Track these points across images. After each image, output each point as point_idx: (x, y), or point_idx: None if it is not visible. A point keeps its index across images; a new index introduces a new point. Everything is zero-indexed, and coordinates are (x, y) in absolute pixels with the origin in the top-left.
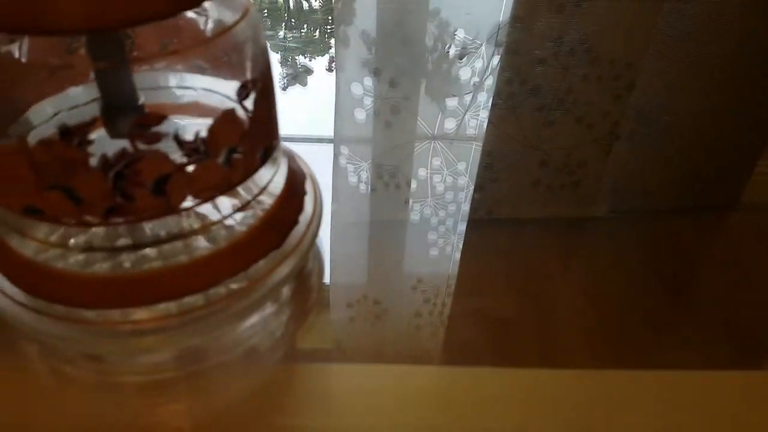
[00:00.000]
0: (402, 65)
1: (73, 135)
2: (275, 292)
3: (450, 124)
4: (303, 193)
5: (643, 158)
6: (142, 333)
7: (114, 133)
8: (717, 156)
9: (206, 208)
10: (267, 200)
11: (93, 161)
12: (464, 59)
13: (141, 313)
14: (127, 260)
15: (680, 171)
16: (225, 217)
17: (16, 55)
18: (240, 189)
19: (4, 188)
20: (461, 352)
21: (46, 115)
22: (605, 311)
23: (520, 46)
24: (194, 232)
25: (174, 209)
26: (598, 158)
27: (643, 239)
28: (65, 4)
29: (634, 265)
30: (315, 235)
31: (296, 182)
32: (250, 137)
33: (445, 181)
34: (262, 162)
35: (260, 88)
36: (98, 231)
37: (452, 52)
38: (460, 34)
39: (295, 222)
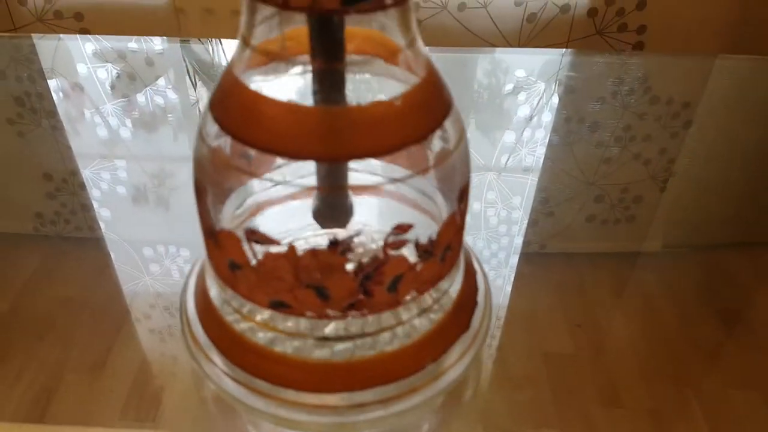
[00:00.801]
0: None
1: (340, 245)
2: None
3: (505, 159)
4: (474, 271)
5: (696, 193)
6: (360, 412)
7: (325, 226)
8: None
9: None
10: (445, 285)
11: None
12: (520, 95)
13: (362, 396)
14: (339, 347)
15: (733, 205)
16: (423, 310)
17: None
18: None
19: (259, 286)
20: (516, 385)
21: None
22: (660, 346)
23: (580, 84)
24: (400, 323)
25: (399, 303)
26: (653, 194)
27: (697, 274)
28: (301, 139)
29: (688, 300)
30: (491, 310)
31: (469, 260)
32: (459, 234)
33: (499, 215)
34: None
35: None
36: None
37: (508, 88)
38: (520, 72)
39: (476, 303)
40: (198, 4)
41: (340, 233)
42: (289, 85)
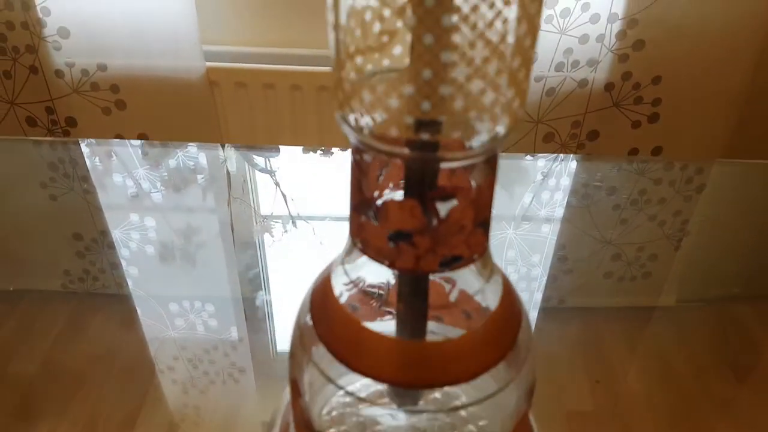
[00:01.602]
0: None
1: None
2: None
3: (526, 222)
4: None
5: (709, 251)
6: None
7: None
8: None
9: None
10: None
11: None
12: (539, 160)
13: None
14: None
15: (744, 262)
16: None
17: None
18: None
19: None
20: None
21: None
22: (675, 399)
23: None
24: None
25: None
26: (667, 252)
27: (710, 328)
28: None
29: (701, 353)
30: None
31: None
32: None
33: (519, 271)
34: None
35: None
36: None
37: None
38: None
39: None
40: (231, 78)
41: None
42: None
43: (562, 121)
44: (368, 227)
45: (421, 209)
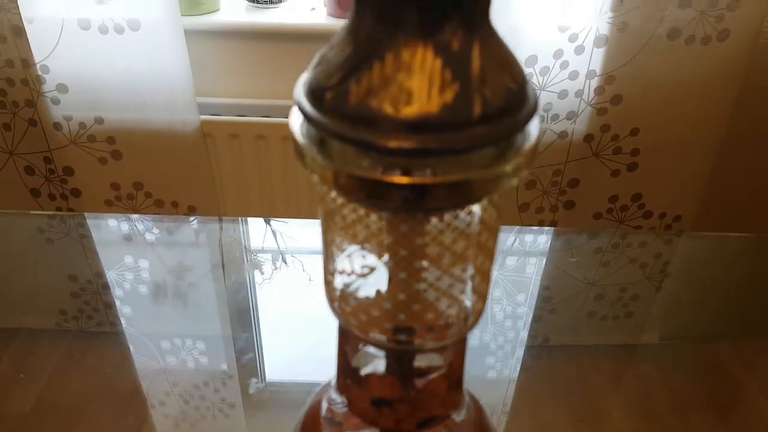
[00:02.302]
0: None
1: None
2: None
3: (511, 261)
4: None
5: (692, 290)
6: None
7: None
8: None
9: None
10: None
11: None
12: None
13: None
14: None
15: (725, 301)
16: None
17: None
18: None
19: None
20: None
21: None
22: None
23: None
24: None
25: None
26: (649, 293)
27: (693, 364)
28: None
29: (683, 389)
30: None
31: None
32: None
33: (505, 310)
34: None
35: None
36: None
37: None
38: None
39: None
40: (224, 130)
41: None
42: None
43: (544, 170)
44: (353, 389)
45: (400, 384)
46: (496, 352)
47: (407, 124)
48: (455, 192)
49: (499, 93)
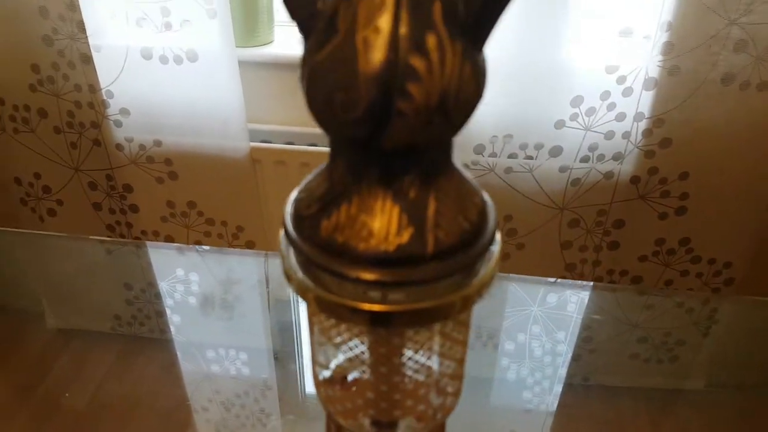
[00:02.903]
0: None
1: None
2: None
3: (552, 298)
4: None
5: (740, 338)
6: None
7: None
8: None
9: None
10: None
11: None
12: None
13: None
14: None
15: None
16: None
17: None
18: None
19: None
20: None
21: None
22: None
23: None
24: None
25: None
26: (696, 338)
27: (738, 414)
28: None
29: None
30: None
31: None
32: None
33: (544, 347)
34: None
35: None
36: None
37: None
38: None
39: None
40: (272, 157)
41: None
42: None
43: (588, 209)
44: None
45: None
46: (533, 387)
47: (367, 259)
48: (421, 316)
49: (453, 233)
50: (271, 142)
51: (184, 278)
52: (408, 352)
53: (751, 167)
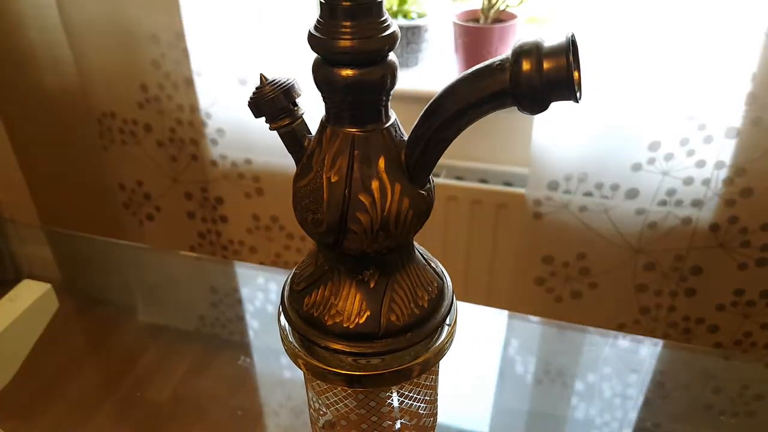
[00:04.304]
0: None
1: None
2: None
3: (624, 342)
4: None
5: None
6: None
7: None
8: None
9: None
10: None
11: None
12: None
13: None
14: None
15: None
16: None
17: None
18: None
19: None
20: None
21: None
22: None
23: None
24: None
25: None
26: None
27: None
28: None
29: None
30: None
31: None
32: None
33: (614, 389)
34: None
35: None
36: None
37: None
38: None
39: None
40: None
41: None
42: None
43: (665, 253)
44: None
45: None
46: (602, 428)
47: (334, 333)
48: (388, 378)
49: (404, 315)
50: None
51: (264, 287)
52: (385, 402)
53: None
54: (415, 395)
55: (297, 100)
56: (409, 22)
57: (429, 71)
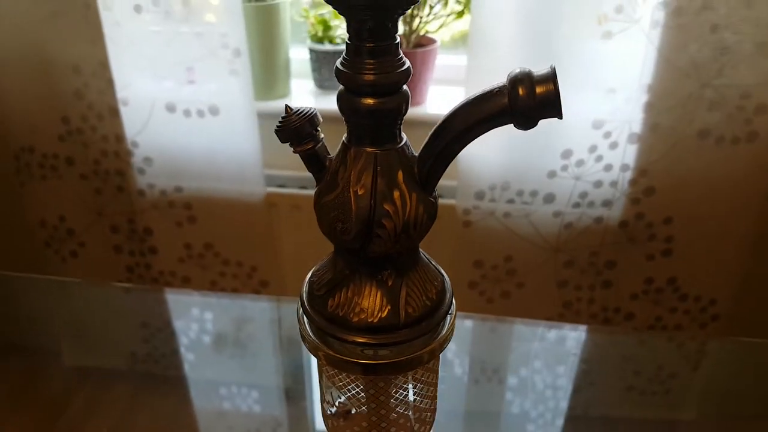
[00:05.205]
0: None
1: None
2: None
3: (551, 335)
4: None
5: (730, 368)
6: None
7: None
8: None
9: None
10: None
11: None
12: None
13: None
14: None
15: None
16: None
17: None
18: None
19: None
20: None
21: None
22: None
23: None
24: None
25: None
26: (687, 371)
27: None
28: None
29: None
30: None
31: None
32: None
33: (545, 381)
34: None
35: None
36: None
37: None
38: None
39: None
40: (287, 201)
41: None
42: None
43: (581, 251)
44: None
45: None
46: (537, 420)
47: (359, 328)
48: (400, 366)
49: (419, 308)
50: (286, 187)
51: (198, 317)
52: (394, 392)
53: (728, 212)
54: (418, 388)
55: (318, 127)
56: (336, 47)
57: None
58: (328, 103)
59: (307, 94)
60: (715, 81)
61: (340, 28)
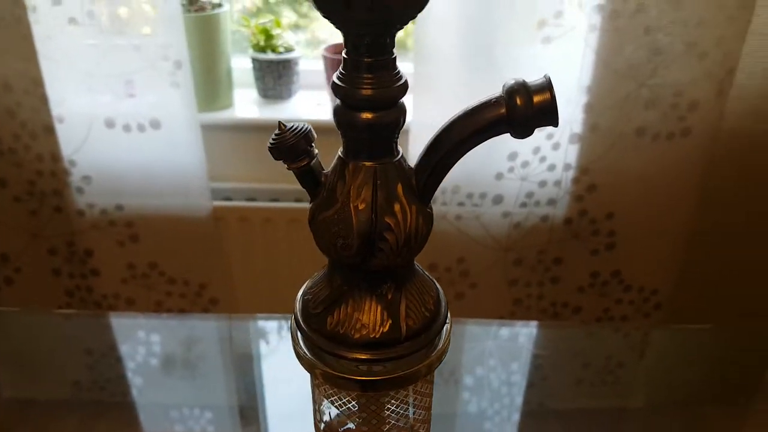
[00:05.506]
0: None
1: None
2: None
3: (504, 332)
4: None
5: (673, 355)
6: None
7: None
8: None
9: None
10: None
11: None
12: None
13: None
14: None
15: (708, 364)
16: None
17: None
18: None
19: None
20: None
21: None
22: None
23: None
24: None
25: None
26: (633, 360)
27: (679, 427)
28: None
29: None
30: None
31: None
32: None
33: (500, 378)
34: None
35: None
36: None
37: None
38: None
39: None
40: (235, 214)
41: None
42: None
43: (529, 249)
44: None
45: None
46: (493, 417)
47: (361, 344)
48: (398, 381)
49: (418, 320)
50: (233, 200)
51: (145, 340)
52: (389, 405)
53: (666, 206)
54: (416, 402)
55: (312, 143)
56: (279, 56)
57: (302, 103)
58: (272, 113)
59: (250, 104)
60: (650, 81)
61: (281, 37)
